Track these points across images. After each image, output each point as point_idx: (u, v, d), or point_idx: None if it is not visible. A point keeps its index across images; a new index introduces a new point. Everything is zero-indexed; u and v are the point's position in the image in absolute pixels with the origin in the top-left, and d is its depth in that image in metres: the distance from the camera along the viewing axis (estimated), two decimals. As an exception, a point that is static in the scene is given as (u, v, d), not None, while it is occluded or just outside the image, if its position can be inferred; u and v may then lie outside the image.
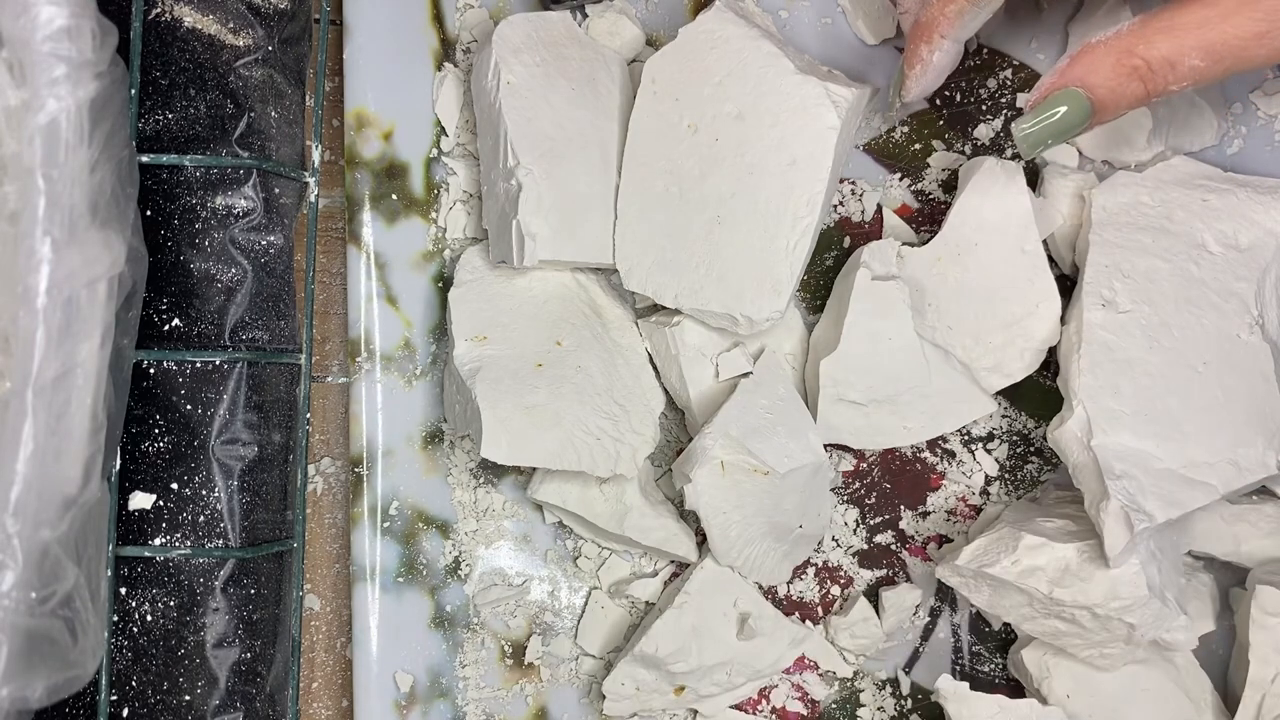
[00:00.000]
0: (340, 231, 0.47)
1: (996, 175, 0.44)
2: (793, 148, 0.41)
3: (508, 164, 0.42)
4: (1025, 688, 0.45)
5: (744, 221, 0.42)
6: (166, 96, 0.38)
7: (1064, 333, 0.43)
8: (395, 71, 0.45)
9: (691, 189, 0.42)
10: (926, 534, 0.47)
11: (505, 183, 0.42)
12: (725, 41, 0.42)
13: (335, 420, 0.47)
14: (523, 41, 0.44)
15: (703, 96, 0.43)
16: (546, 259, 0.42)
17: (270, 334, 0.39)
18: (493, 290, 0.44)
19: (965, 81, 0.47)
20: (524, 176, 0.42)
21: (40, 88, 0.30)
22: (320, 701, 0.46)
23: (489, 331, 0.43)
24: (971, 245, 0.43)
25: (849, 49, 0.47)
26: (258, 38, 0.39)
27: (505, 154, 0.42)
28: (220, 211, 0.38)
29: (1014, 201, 0.43)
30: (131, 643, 0.37)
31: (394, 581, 0.45)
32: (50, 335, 0.30)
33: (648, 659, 0.43)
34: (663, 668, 0.43)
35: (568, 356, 0.43)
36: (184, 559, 0.37)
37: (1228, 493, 0.40)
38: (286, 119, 0.40)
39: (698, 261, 0.42)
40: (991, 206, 0.43)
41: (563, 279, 0.45)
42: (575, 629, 0.46)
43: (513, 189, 0.42)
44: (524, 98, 0.43)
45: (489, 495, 0.46)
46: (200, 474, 0.37)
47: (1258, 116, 0.46)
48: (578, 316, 0.45)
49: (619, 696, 0.43)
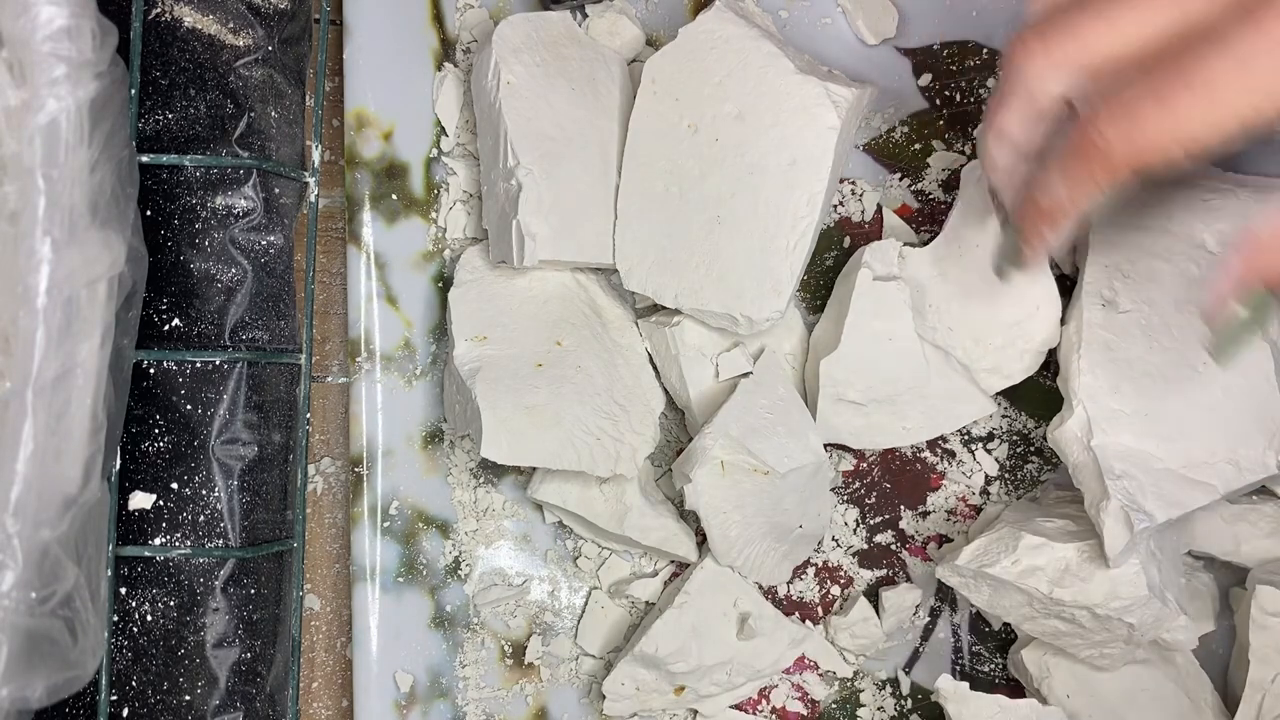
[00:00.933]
0: (340, 231, 0.47)
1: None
2: (793, 147, 0.41)
3: (508, 164, 0.42)
4: (1025, 688, 0.45)
5: (744, 221, 0.42)
6: (166, 96, 0.38)
7: (1064, 333, 0.43)
8: (395, 71, 0.45)
9: (691, 189, 0.42)
10: (926, 534, 0.47)
11: (505, 183, 0.42)
12: (725, 41, 0.42)
13: (335, 420, 0.47)
14: (523, 41, 0.44)
15: (703, 96, 0.43)
16: (547, 259, 0.42)
17: (270, 334, 0.39)
18: (493, 290, 0.44)
19: (965, 81, 0.47)
20: (524, 176, 0.42)
21: (40, 88, 0.30)
22: (320, 701, 0.46)
23: (489, 331, 0.43)
24: (973, 246, 0.43)
25: (849, 49, 0.47)
26: (258, 38, 0.39)
27: (505, 154, 0.42)
28: (220, 211, 0.38)
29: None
30: (131, 643, 0.37)
31: (394, 581, 0.45)
32: (50, 335, 0.30)
33: (648, 659, 0.43)
34: (663, 667, 0.43)
35: (568, 356, 0.43)
36: (184, 559, 0.37)
37: (1228, 493, 0.40)
38: (286, 119, 0.40)
39: (698, 261, 0.42)
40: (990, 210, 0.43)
41: (563, 279, 0.45)
42: (575, 629, 0.46)
43: (513, 189, 0.42)
44: (524, 98, 0.43)
45: (489, 495, 0.46)
46: (200, 474, 0.37)
47: (1258, 116, 0.46)
48: (578, 316, 0.45)
49: (619, 696, 0.43)
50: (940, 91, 0.47)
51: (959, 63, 0.47)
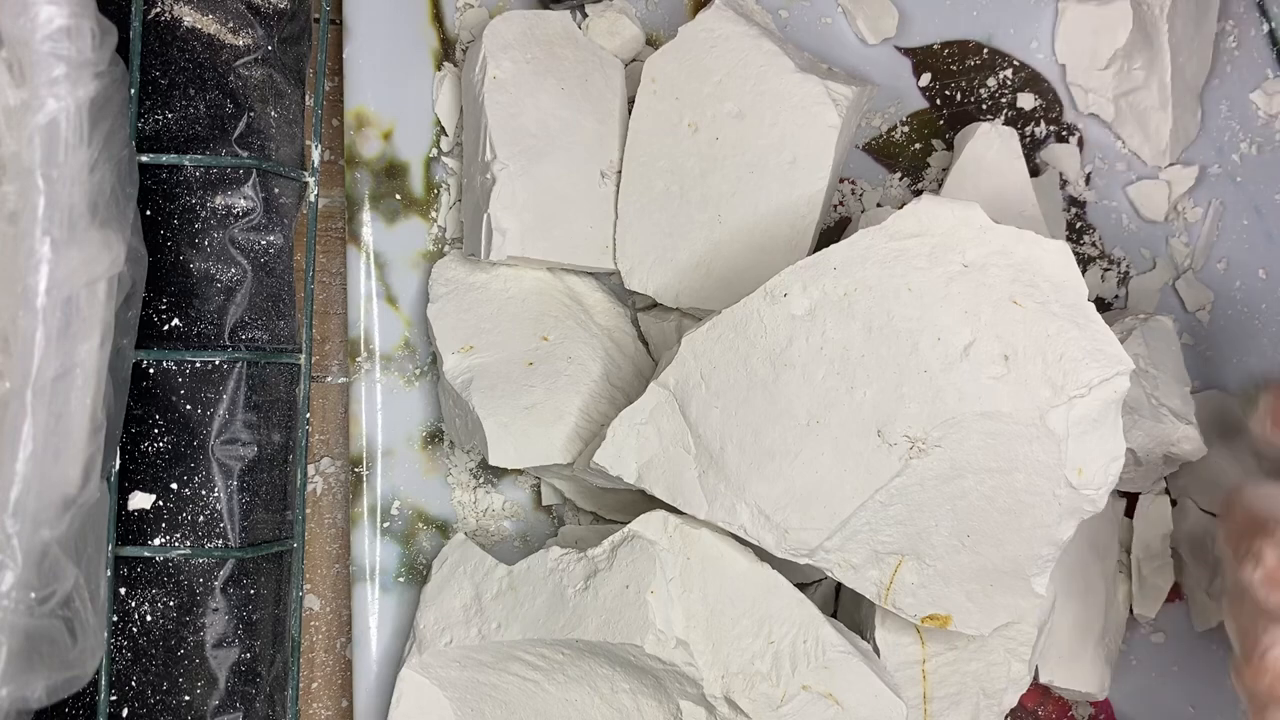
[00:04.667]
0: (340, 231, 0.47)
1: (991, 140, 0.44)
2: (793, 146, 0.41)
3: (485, 158, 0.42)
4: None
5: (744, 220, 0.42)
6: (166, 96, 0.38)
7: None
8: (395, 71, 0.45)
9: (692, 188, 0.42)
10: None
11: (481, 176, 0.42)
12: (725, 40, 0.42)
13: (335, 420, 0.47)
14: (515, 38, 0.43)
15: (703, 95, 0.42)
16: (515, 255, 0.42)
17: (270, 334, 0.39)
18: (470, 299, 0.44)
19: (965, 81, 0.47)
20: (499, 171, 0.41)
21: (40, 87, 0.30)
22: (320, 701, 0.46)
23: (474, 340, 0.43)
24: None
25: (849, 49, 0.47)
26: (257, 37, 0.39)
27: (484, 148, 0.42)
28: (220, 211, 0.38)
29: (1010, 166, 0.43)
30: (131, 643, 0.37)
31: (394, 581, 0.45)
32: (50, 335, 0.30)
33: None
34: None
35: (556, 349, 0.43)
36: (184, 559, 0.37)
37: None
38: (286, 119, 0.40)
39: (698, 261, 0.42)
40: (987, 172, 0.43)
41: (537, 274, 0.45)
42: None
43: (488, 182, 0.42)
44: (509, 93, 0.42)
45: (489, 495, 0.46)
46: (200, 474, 0.37)
47: (1258, 116, 0.46)
48: (559, 308, 0.44)
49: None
50: (940, 91, 0.47)
51: (959, 63, 0.47)
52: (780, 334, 0.37)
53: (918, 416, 0.36)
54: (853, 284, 0.36)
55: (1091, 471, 0.36)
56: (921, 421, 0.36)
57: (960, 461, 0.36)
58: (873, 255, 0.36)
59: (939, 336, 0.36)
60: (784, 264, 0.41)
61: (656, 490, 0.38)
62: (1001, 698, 0.41)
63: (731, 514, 0.37)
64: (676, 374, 0.38)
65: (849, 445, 0.37)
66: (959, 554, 0.37)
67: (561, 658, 0.39)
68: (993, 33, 0.47)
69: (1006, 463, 0.36)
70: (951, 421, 0.36)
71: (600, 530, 0.44)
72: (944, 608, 0.38)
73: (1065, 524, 0.37)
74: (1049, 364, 0.35)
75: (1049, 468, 0.36)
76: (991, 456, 0.36)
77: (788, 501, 0.37)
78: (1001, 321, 0.36)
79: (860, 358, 0.36)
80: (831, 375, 0.37)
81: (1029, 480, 0.36)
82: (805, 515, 0.37)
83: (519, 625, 0.39)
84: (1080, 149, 0.48)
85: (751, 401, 0.37)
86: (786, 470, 0.37)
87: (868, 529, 0.37)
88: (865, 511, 0.37)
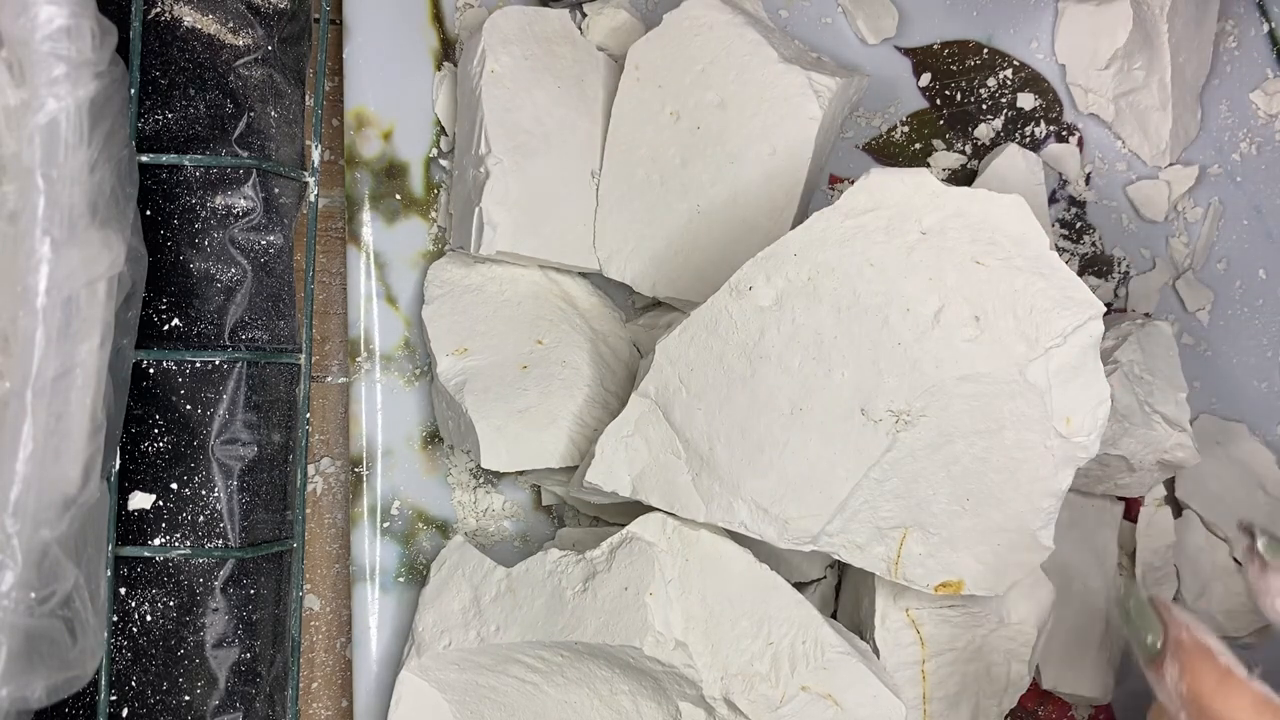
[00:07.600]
0: (340, 231, 0.47)
1: (1017, 162, 0.44)
2: (774, 137, 0.41)
3: (479, 151, 0.42)
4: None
5: (723, 211, 0.41)
6: (166, 96, 0.38)
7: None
8: (395, 71, 0.45)
9: (672, 177, 0.42)
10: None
11: (474, 169, 0.42)
12: (709, 28, 0.42)
13: (335, 420, 0.47)
14: (514, 33, 0.43)
15: (685, 84, 0.42)
16: (504, 250, 0.41)
17: (270, 334, 0.39)
18: (465, 301, 0.44)
19: (965, 81, 0.47)
20: (493, 165, 0.41)
21: (40, 87, 0.30)
22: (320, 701, 0.46)
23: (468, 343, 0.43)
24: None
25: (849, 49, 0.47)
26: (257, 37, 0.39)
27: (479, 141, 0.42)
28: (220, 211, 0.38)
29: (1028, 189, 0.43)
30: (131, 643, 0.37)
31: (394, 581, 0.44)
32: (50, 335, 0.30)
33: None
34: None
35: (551, 353, 0.43)
36: (184, 559, 0.37)
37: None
38: (286, 119, 0.40)
39: (676, 250, 0.42)
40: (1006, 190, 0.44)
41: (532, 277, 0.45)
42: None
43: (480, 176, 0.42)
44: (506, 88, 0.42)
45: (489, 495, 0.46)
46: (200, 474, 0.37)
47: (1258, 116, 0.46)
48: (554, 312, 0.44)
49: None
50: (940, 91, 0.47)
51: (959, 63, 0.47)
52: (751, 328, 0.37)
53: (898, 390, 0.36)
54: (814, 268, 0.36)
55: (1080, 419, 0.36)
56: (903, 394, 0.36)
57: (947, 428, 0.36)
58: (830, 236, 0.36)
59: (907, 307, 0.36)
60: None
61: (653, 499, 0.38)
62: (1001, 698, 0.41)
63: (730, 512, 0.37)
64: (655, 382, 0.38)
65: (835, 428, 0.37)
66: (961, 518, 0.37)
67: (560, 660, 0.39)
68: (993, 33, 0.47)
69: (993, 422, 0.36)
70: (932, 390, 0.36)
71: (598, 532, 0.44)
72: (955, 573, 0.38)
73: (1062, 473, 0.37)
74: (1020, 319, 0.35)
75: (1036, 421, 0.36)
76: (977, 418, 0.36)
77: (783, 492, 0.37)
78: (967, 283, 0.35)
79: (833, 340, 0.36)
80: (808, 361, 0.37)
81: (1018, 436, 0.36)
82: (802, 503, 0.37)
83: (518, 628, 0.39)
84: (1080, 149, 0.48)
85: (733, 398, 0.37)
86: (777, 461, 0.37)
87: (867, 507, 0.37)
88: (861, 491, 0.37)
